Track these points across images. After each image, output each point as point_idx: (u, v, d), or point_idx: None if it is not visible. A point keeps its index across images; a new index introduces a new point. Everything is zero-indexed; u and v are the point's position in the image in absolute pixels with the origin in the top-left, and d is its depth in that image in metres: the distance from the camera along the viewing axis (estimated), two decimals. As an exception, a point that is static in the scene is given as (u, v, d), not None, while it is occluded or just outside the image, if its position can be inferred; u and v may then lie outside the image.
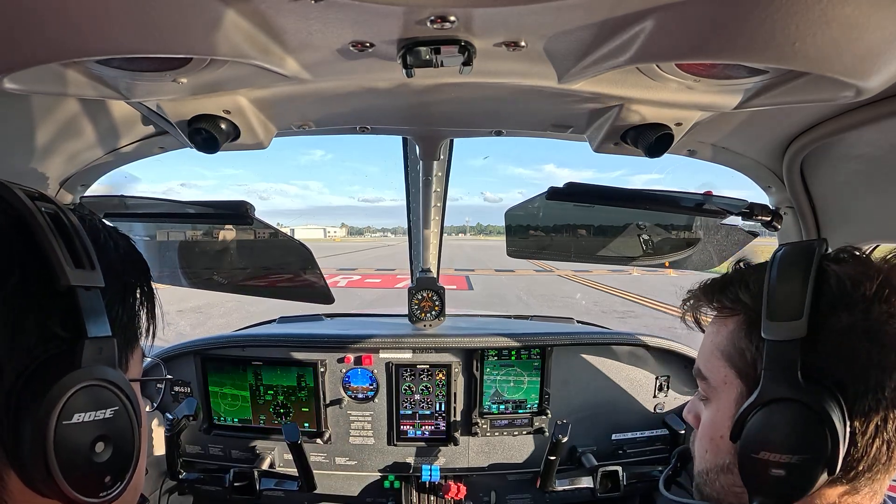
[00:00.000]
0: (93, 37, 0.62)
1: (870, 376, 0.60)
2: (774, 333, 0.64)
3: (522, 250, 1.77)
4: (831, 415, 0.59)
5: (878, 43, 0.61)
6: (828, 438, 0.59)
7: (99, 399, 0.50)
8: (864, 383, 0.60)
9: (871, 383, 0.60)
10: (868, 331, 0.60)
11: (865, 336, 0.60)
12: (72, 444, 0.48)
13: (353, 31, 0.69)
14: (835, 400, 0.60)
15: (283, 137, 1.30)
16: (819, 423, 0.60)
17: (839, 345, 0.61)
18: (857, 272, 0.63)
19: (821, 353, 0.62)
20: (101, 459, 0.50)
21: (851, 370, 0.61)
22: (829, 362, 0.62)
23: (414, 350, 1.98)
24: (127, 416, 0.53)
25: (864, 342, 0.60)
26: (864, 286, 0.62)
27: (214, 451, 2.01)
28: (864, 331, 0.61)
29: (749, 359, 0.69)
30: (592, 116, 1.11)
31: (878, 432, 0.61)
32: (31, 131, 1.06)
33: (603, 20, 0.65)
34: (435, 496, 1.97)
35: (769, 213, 1.36)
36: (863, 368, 0.60)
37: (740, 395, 0.70)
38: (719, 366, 0.74)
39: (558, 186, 1.34)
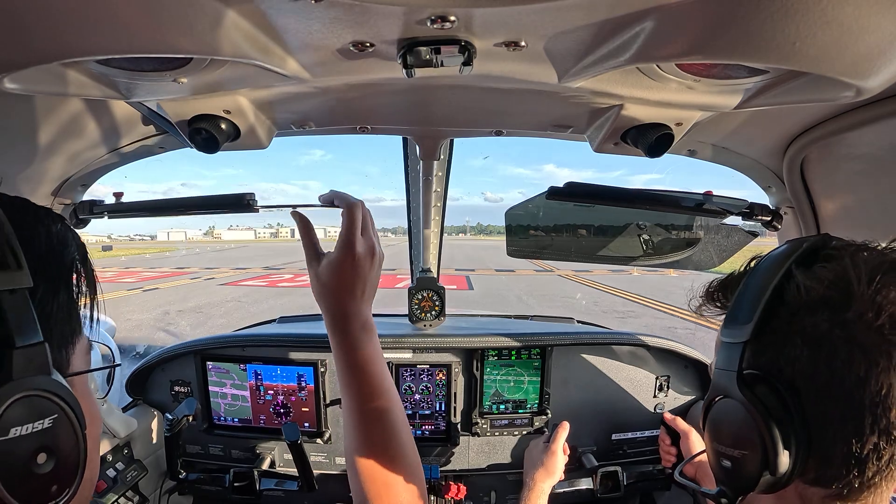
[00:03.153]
0: (93, 37, 0.62)
1: (815, 379, 0.59)
2: (727, 336, 0.67)
3: (522, 250, 1.77)
4: (770, 414, 0.60)
5: (879, 43, 0.61)
6: (760, 439, 0.61)
7: (35, 410, 0.47)
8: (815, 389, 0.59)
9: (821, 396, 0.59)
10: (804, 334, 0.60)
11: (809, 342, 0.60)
12: (10, 460, 0.45)
13: (353, 31, 0.69)
14: (779, 402, 0.61)
15: (283, 137, 1.30)
16: (755, 422, 0.61)
17: (784, 349, 0.62)
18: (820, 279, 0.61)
19: (767, 357, 0.63)
20: (45, 471, 0.48)
21: (795, 379, 0.61)
22: (770, 366, 0.63)
23: (414, 350, 1.98)
24: (68, 421, 0.50)
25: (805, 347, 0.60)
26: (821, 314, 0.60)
27: (214, 451, 2.01)
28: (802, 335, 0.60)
29: None
30: (592, 116, 1.11)
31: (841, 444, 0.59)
32: (31, 131, 1.06)
33: (603, 20, 0.65)
34: (435, 496, 1.97)
35: (769, 212, 1.36)
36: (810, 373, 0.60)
37: None
38: None
39: (558, 186, 1.34)
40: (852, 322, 0.57)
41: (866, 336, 0.57)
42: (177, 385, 2.02)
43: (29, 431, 0.47)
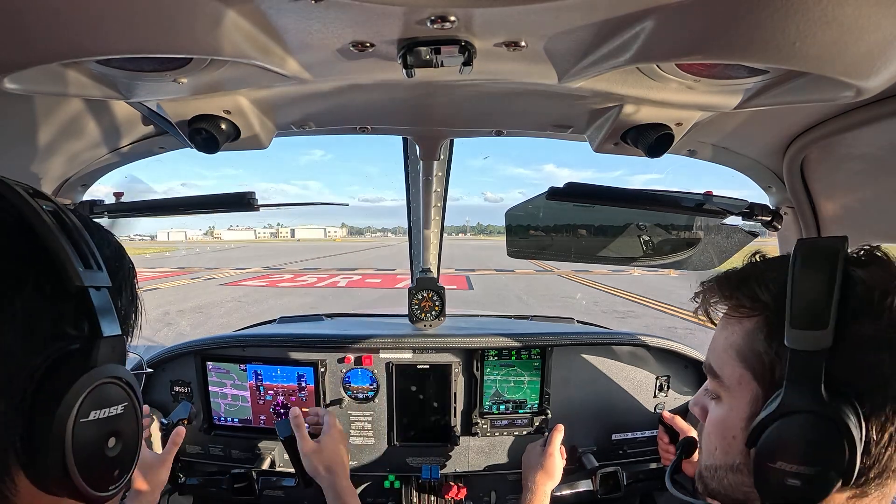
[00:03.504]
0: (93, 37, 0.62)
1: (889, 386, 0.60)
2: (798, 342, 0.62)
3: (523, 250, 1.77)
4: (850, 427, 0.59)
5: (879, 43, 0.61)
6: (846, 450, 0.59)
7: (112, 396, 0.51)
8: (883, 394, 0.60)
9: (890, 393, 0.60)
10: (891, 341, 0.60)
11: (888, 346, 0.60)
12: (89, 441, 0.49)
13: (353, 31, 0.69)
14: (853, 411, 0.60)
15: (283, 137, 1.30)
16: (838, 436, 0.59)
17: (862, 356, 0.60)
18: (883, 279, 0.62)
19: (844, 365, 0.61)
20: (113, 454, 0.52)
21: (872, 381, 0.60)
22: (852, 374, 0.61)
23: (414, 350, 1.98)
24: (134, 410, 0.54)
25: (887, 353, 0.60)
26: (891, 295, 0.61)
27: (214, 451, 2.01)
28: (887, 341, 0.60)
29: (767, 363, 0.67)
30: (592, 116, 1.10)
31: (891, 440, 0.61)
32: (31, 131, 1.06)
33: (603, 20, 0.65)
34: (435, 496, 1.97)
35: (769, 213, 1.36)
36: (883, 379, 0.60)
37: (755, 397, 0.68)
38: (734, 365, 0.72)
39: (558, 186, 1.34)
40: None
41: None
42: (177, 385, 2.02)
43: (106, 415, 0.51)
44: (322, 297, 16.57)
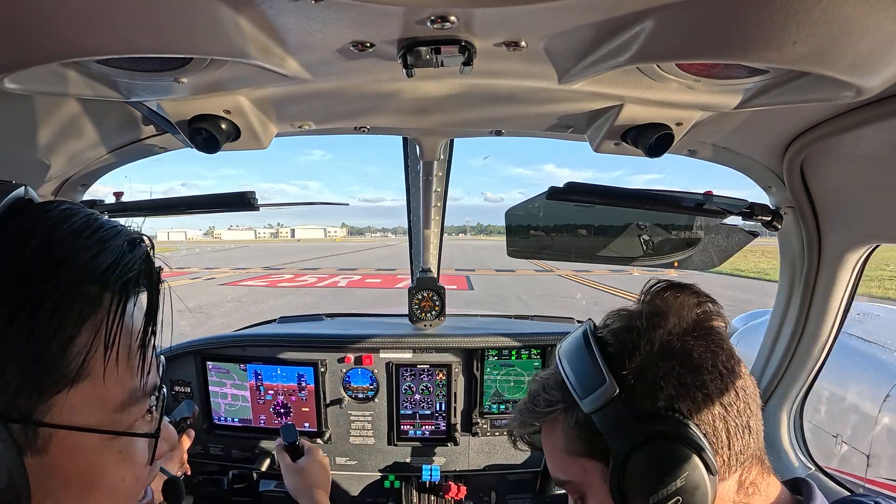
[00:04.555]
0: (93, 37, 0.62)
1: (687, 385, 0.69)
2: (594, 404, 0.71)
3: (523, 250, 1.77)
4: (678, 430, 0.67)
5: (879, 43, 0.61)
6: (690, 449, 0.66)
7: None
8: (687, 394, 0.69)
9: (692, 392, 0.69)
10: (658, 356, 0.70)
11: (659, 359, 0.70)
12: None
13: (353, 31, 0.69)
14: (672, 420, 0.68)
15: (283, 137, 1.30)
16: (675, 442, 0.67)
17: (646, 380, 0.70)
18: (622, 324, 0.76)
19: (640, 395, 0.70)
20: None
21: (671, 390, 0.69)
22: (650, 396, 0.69)
23: (414, 350, 1.98)
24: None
25: (662, 363, 0.70)
26: (635, 329, 0.73)
27: (215, 451, 2.01)
28: (655, 357, 0.70)
29: (588, 439, 0.74)
30: (592, 116, 1.10)
31: (724, 423, 0.69)
32: (31, 131, 1.06)
33: (603, 20, 0.65)
34: (435, 496, 1.97)
35: (769, 213, 1.36)
36: (678, 382, 0.69)
37: (604, 472, 0.73)
38: (571, 461, 0.78)
39: (558, 186, 1.34)
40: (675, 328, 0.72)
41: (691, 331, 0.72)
42: (177, 385, 2.02)
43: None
44: (322, 297, 16.58)
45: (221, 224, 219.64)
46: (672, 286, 0.77)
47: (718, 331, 0.75)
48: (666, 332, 0.72)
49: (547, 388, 0.81)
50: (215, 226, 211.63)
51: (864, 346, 3.48)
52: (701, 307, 0.75)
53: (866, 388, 3.23)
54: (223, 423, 2.01)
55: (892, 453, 3.03)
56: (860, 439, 3.16)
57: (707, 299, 0.77)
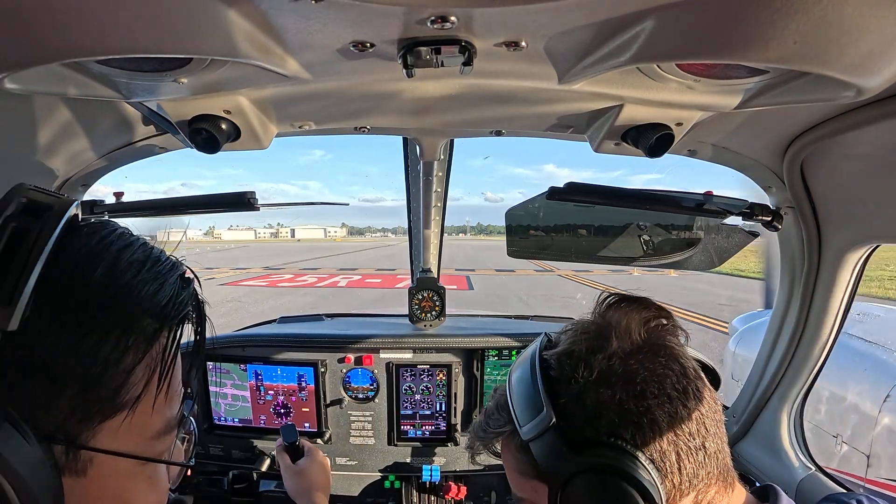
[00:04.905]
0: (93, 37, 0.62)
1: (628, 413, 0.66)
2: (530, 433, 0.70)
3: (523, 250, 1.77)
4: (616, 461, 0.64)
5: (879, 43, 0.61)
6: (625, 481, 0.63)
7: None
8: (630, 421, 0.66)
9: (636, 418, 0.66)
10: (598, 382, 0.68)
11: (600, 386, 0.67)
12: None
13: (353, 31, 0.69)
14: (614, 448, 0.65)
15: (283, 137, 1.30)
16: (610, 475, 0.64)
17: (584, 405, 0.67)
18: (564, 347, 0.73)
19: (578, 422, 0.67)
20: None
21: (610, 417, 0.66)
22: (589, 424, 0.67)
23: (414, 350, 1.98)
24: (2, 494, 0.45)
25: (602, 390, 0.67)
26: (573, 354, 0.71)
27: (215, 452, 2.01)
28: (594, 384, 0.68)
29: (531, 462, 0.72)
30: (592, 116, 1.10)
31: (674, 447, 0.66)
32: (31, 132, 1.06)
33: (603, 20, 0.65)
34: (435, 496, 1.97)
35: (770, 213, 1.36)
36: (619, 409, 0.66)
37: (550, 493, 0.71)
38: (522, 481, 0.77)
39: (558, 186, 1.34)
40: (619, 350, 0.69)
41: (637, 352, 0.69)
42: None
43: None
44: (322, 297, 16.58)
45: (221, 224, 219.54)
46: (621, 301, 0.75)
47: (670, 349, 0.71)
48: (606, 357, 0.69)
49: (498, 409, 0.80)
50: (215, 226, 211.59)
51: (864, 346, 3.48)
52: (650, 324, 0.72)
53: (866, 388, 3.23)
54: (223, 424, 2.01)
55: (892, 453, 3.03)
56: (860, 439, 3.16)
57: (659, 314, 0.74)
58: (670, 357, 0.70)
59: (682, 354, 0.72)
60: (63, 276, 0.48)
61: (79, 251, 0.51)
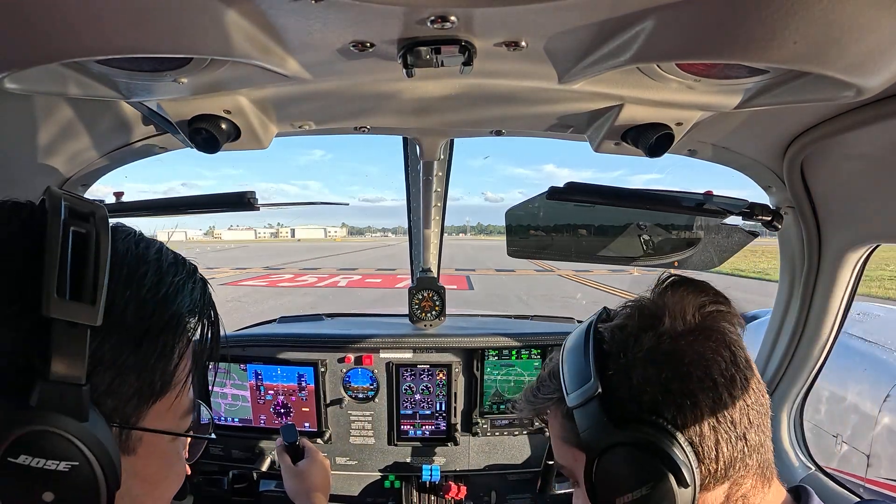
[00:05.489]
0: (93, 37, 0.62)
1: (671, 393, 0.67)
2: (576, 401, 0.71)
3: (523, 250, 1.77)
4: (653, 438, 0.65)
5: (879, 43, 0.61)
6: (659, 459, 0.64)
7: (51, 448, 0.47)
8: (672, 401, 0.67)
9: (678, 399, 0.67)
10: (646, 360, 0.69)
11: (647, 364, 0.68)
12: (12, 482, 0.46)
13: (353, 31, 0.69)
14: (654, 426, 0.66)
15: (283, 137, 1.30)
16: (644, 451, 0.65)
17: (630, 383, 0.69)
18: (619, 321, 0.74)
19: (621, 397, 0.69)
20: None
21: (653, 394, 0.67)
22: (632, 399, 0.69)
23: (414, 350, 1.98)
24: (90, 473, 0.48)
25: (651, 368, 0.68)
26: (626, 328, 0.72)
27: (215, 451, 2.01)
28: (642, 361, 0.69)
29: (575, 429, 0.73)
30: (592, 116, 1.10)
31: (714, 433, 0.67)
32: (31, 132, 1.06)
33: (603, 20, 0.65)
34: (435, 496, 1.97)
35: (770, 212, 1.36)
36: (662, 388, 0.67)
37: (587, 461, 0.73)
38: (565, 449, 0.80)
39: (558, 186, 1.34)
40: (669, 330, 0.69)
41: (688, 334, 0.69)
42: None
43: (41, 466, 0.46)
44: (322, 296, 16.57)
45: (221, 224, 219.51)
46: (679, 282, 0.74)
47: (722, 335, 0.70)
48: (657, 335, 0.69)
49: (550, 377, 0.82)
50: (215, 226, 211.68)
51: (864, 346, 3.48)
52: (706, 308, 0.71)
53: (866, 388, 3.23)
54: (223, 423, 2.01)
55: (892, 453, 3.03)
56: (860, 439, 3.15)
57: (717, 299, 0.73)
58: (721, 343, 0.69)
59: (735, 343, 0.71)
60: (120, 278, 0.54)
61: (126, 254, 0.56)
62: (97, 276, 0.50)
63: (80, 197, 0.55)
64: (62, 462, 0.47)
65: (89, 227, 0.51)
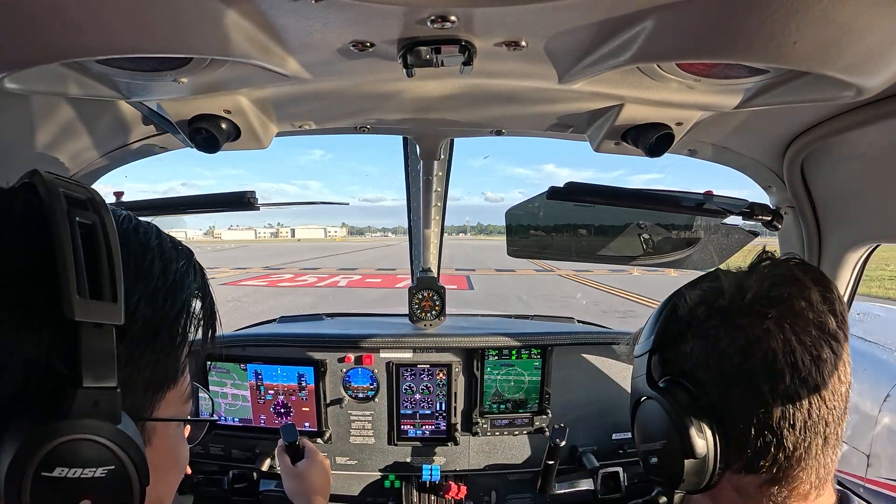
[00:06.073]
0: (93, 37, 0.62)
1: (705, 367, 0.69)
2: (637, 351, 0.80)
3: (523, 250, 1.77)
4: (674, 407, 0.69)
5: (879, 43, 0.61)
6: (673, 425, 0.69)
7: (88, 456, 0.44)
8: (706, 375, 0.69)
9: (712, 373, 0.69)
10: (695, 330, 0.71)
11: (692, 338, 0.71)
12: (51, 497, 0.43)
13: (353, 30, 0.69)
14: (686, 393, 0.70)
15: (283, 137, 1.30)
16: (663, 412, 0.70)
17: (676, 348, 0.74)
18: (697, 291, 0.75)
19: (667, 358, 0.76)
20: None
21: (691, 366, 0.71)
22: (673, 364, 0.74)
23: (414, 350, 1.98)
24: (126, 475, 0.47)
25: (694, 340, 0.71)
26: (692, 298, 0.74)
27: (215, 451, 2.01)
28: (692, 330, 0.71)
29: None
30: (593, 116, 1.10)
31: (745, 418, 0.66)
32: (31, 131, 1.06)
33: (603, 20, 0.65)
34: (435, 496, 1.97)
35: (770, 212, 1.36)
36: (697, 363, 0.70)
37: (630, 403, 0.81)
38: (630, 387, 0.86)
39: (558, 186, 1.34)
40: (725, 308, 0.69)
41: (739, 314, 0.67)
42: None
43: (78, 476, 0.44)
44: (322, 296, 16.57)
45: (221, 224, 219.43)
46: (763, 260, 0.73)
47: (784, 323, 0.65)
48: (709, 310, 0.70)
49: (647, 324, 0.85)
50: (215, 225, 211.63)
51: (863, 346, 3.48)
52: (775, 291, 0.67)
53: (866, 388, 3.23)
54: (223, 423, 2.01)
55: (892, 453, 3.03)
56: (860, 439, 3.16)
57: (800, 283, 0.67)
58: (778, 333, 0.65)
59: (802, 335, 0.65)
60: (129, 271, 0.50)
61: (130, 242, 0.53)
62: (113, 270, 0.47)
63: (73, 181, 0.51)
64: (99, 468, 0.45)
65: (93, 215, 0.48)
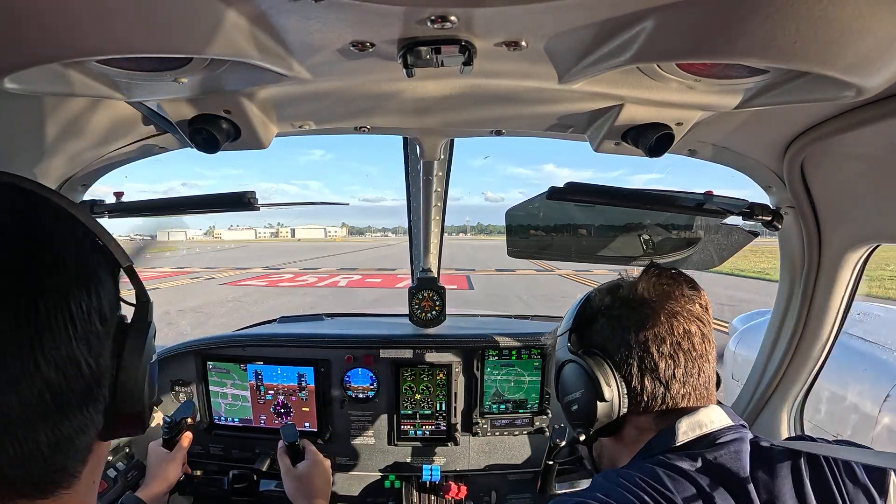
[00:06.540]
0: (93, 37, 0.62)
1: (612, 340, 0.94)
2: (560, 331, 1.06)
3: (523, 250, 1.77)
4: (588, 364, 0.94)
5: (879, 43, 0.61)
6: (588, 378, 0.93)
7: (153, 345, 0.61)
8: (614, 345, 0.94)
9: (617, 348, 0.93)
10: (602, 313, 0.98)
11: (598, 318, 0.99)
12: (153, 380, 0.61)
13: (353, 31, 0.69)
14: (595, 357, 0.95)
15: (283, 137, 1.30)
16: (581, 369, 0.95)
17: (589, 327, 1.00)
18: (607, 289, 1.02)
19: (582, 334, 1.01)
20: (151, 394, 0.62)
21: (601, 339, 0.97)
22: (587, 338, 1.00)
23: (415, 350, 1.98)
24: None
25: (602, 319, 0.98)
26: (601, 292, 1.02)
27: (215, 451, 2.01)
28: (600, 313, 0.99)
29: None
30: (593, 116, 1.10)
31: (641, 375, 0.91)
32: (31, 131, 1.06)
33: (603, 20, 0.65)
34: (435, 496, 1.98)
35: (770, 212, 1.36)
36: (605, 337, 0.96)
37: (555, 370, 1.07)
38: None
39: (558, 186, 1.34)
40: (625, 297, 0.96)
41: (635, 301, 0.94)
42: (177, 385, 2.02)
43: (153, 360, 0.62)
44: (322, 296, 16.58)
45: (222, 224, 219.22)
46: (650, 267, 1.00)
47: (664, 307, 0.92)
48: (613, 298, 0.98)
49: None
50: (215, 225, 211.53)
51: (864, 346, 3.48)
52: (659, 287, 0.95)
53: (866, 387, 3.23)
54: (223, 423, 2.01)
55: (892, 453, 3.02)
56: (860, 439, 3.15)
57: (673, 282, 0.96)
58: (661, 313, 0.92)
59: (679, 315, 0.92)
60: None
61: None
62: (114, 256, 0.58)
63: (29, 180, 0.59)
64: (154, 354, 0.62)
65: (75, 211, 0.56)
